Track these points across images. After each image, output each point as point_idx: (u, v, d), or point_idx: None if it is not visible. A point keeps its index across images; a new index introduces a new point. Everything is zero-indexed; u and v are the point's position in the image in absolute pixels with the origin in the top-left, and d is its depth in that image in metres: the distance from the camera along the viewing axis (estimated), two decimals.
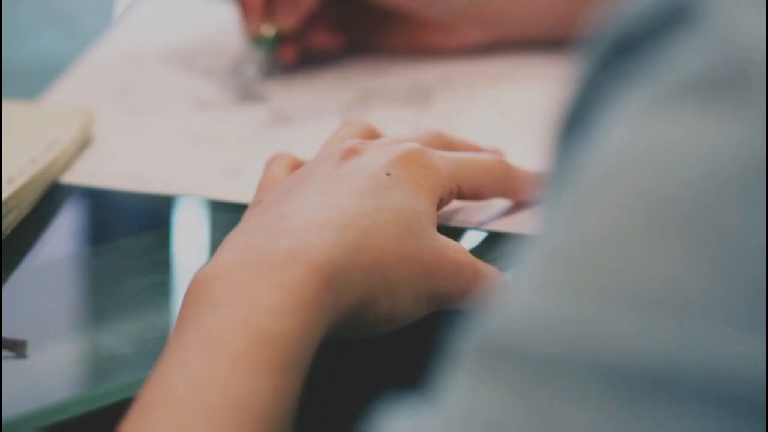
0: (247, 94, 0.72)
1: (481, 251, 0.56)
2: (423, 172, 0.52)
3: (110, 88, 0.73)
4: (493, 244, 0.58)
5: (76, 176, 0.64)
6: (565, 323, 0.28)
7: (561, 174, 0.31)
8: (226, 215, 0.61)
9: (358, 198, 0.50)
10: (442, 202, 0.53)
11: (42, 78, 0.78)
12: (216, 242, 0.54)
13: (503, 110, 0.71)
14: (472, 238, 0.58)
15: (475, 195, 0.56)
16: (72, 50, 0.81)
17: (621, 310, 0.28)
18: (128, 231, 0.63)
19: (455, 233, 0.57)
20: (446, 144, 0.57)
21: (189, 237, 0.62)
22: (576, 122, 0.32)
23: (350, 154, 0.53)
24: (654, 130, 0.29)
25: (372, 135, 0.58)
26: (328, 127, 0.68)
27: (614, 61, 0.31)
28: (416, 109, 0.71)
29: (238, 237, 0.50)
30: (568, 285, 0.29)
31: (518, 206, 0.59)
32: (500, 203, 0.59)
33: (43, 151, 0.62)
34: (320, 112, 0.71)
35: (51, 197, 0.62)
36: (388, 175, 0.51)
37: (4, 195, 0.57)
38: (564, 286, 0.29)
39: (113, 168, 0.64)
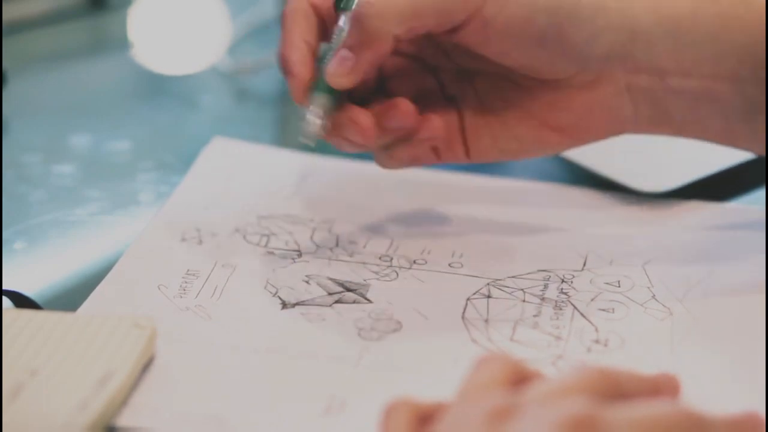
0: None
1: None
2: None
3: (170, 279, 0.63)
4: None
5: (133, 416, 0.53)
6: None
7: None
8: None
9: None
10: None
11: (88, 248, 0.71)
12: None
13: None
14: None
15: None
16: (118, 215, 0.73)
17: None
18: None
19: None
20: (614, 387, 0.48)
21: None
22: None
23: (499, 418, 0.45)
24: None
25: (519, 376, 0.49)
26: (446, 331, 0.59)
27: None
28: (555, 309, 0.61)
29: None
30: None
31: None
32: None
33: (94, 390, 0.52)
34: (435, 310, 0.61)
35: None
36: None
37: None
38: None
39: (179, 403, 0.54)
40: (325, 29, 0.63)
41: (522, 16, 0.58)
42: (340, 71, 0.60)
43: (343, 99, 0.61)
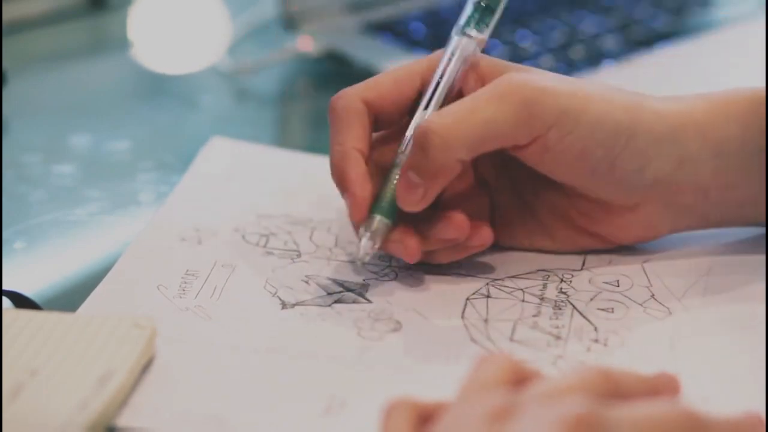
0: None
1: None
2: None
3: (170, 279, 0.63)
4: None
5: (133, 416, 0.53)
6: None
7: None
8: None
9: None
10: None
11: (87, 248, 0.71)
12: None
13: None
14: None
15: None
16: (118, 215, 0.73)
17: None
18: None
19: None
20: (614, 387, 0.48)
21: None
22: None
23: (499, 418, 0.45)
24: None
25: (519, 376, 0.49)
26: (446, 331, 0.59)
27: None
28: (554, 308, 0.61)
29: None
30: None
31: None
32: None
33: (95, 389, 0.52)
34: (434, 310, 0.61)
35: None
36: None
37: None
38: None
39: (179, 403, 0.54)
40: (376, 125, 0.62)
41: (580, 147, 0.59)
42: (412, 200, 0.59)
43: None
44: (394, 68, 0.63)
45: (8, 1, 1.00)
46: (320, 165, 0.74)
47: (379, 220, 0.60)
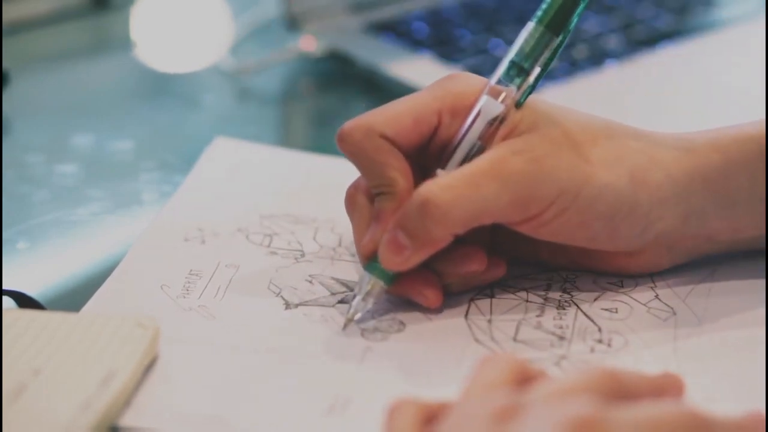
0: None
1: None
2: None
3: (173, 279, 0.63)
4: None
5: (136, 416, 0.53)
6: None
7: None
8: None
9: None
10: None
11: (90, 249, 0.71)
12: None
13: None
14: None
15: None
16: (120, 214, 0.73)
17: None
18: None
19: None
20: (618, 387, 0.48)
21: None
22: None
23: (503, 418, 0.44)
24: None
25: (524, 376, 0.49)
26: (450, 331, 0.59)
27: None
28: (558, 309, 0.60)
29: None
30: None
31: None
32: None
33: (98, 389, 0.52)
34: (438, 310, 0.60)
35: None
36: None
37: None
38: None
39: (182, 403, 0.54)
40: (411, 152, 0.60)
41: (578, 221, 0.58)
42: (395, 261, 0.58)
43: None
44: (413, 101, 0.60)
45: (11, 1, 1.00)
46: (323, 164, 0.74)
47: (374, 283, 0.59)
